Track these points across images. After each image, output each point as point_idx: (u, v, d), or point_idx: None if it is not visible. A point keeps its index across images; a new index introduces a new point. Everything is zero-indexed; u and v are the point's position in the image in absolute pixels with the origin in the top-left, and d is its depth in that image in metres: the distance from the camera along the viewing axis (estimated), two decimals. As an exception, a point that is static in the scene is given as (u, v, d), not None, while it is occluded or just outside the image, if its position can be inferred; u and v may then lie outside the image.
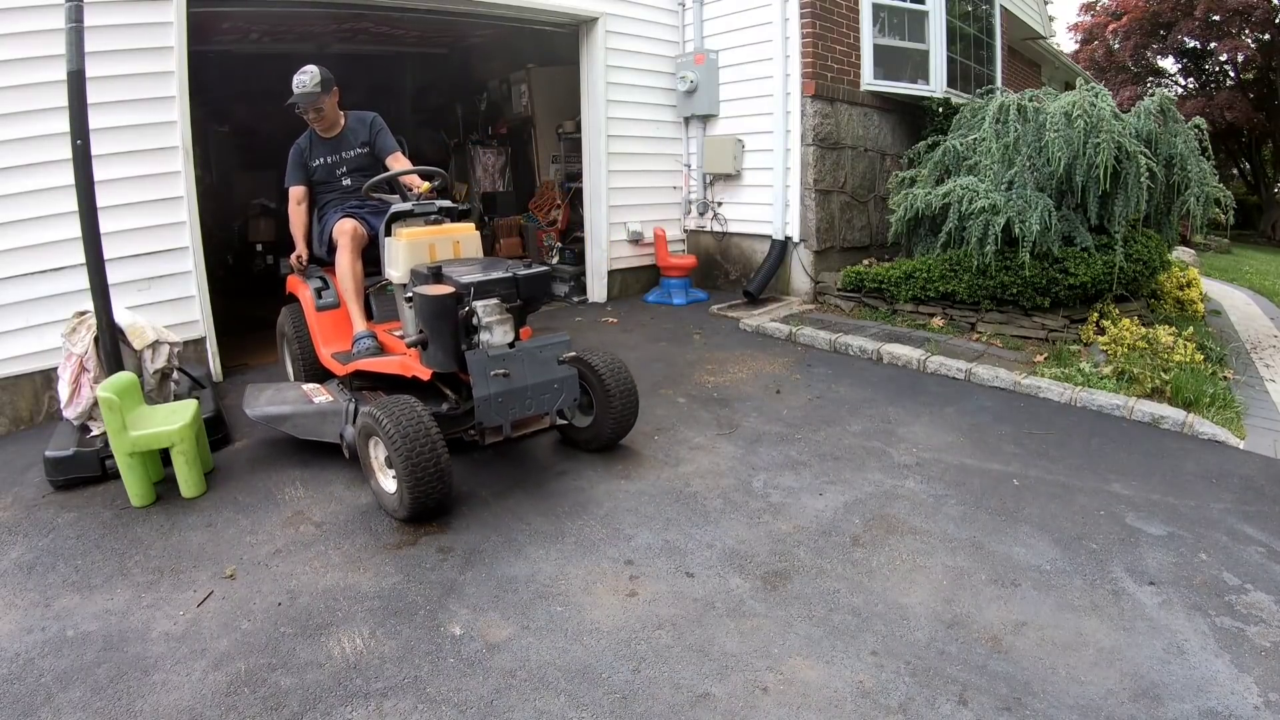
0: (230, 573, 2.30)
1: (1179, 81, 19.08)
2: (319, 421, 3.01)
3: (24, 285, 3.53)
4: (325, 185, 3.67)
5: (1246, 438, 3.31)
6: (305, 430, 2.99)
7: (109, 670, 1.86)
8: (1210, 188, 4.71)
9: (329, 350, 3.47)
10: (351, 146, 3.66)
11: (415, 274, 2.86)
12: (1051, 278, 4.37)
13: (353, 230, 3.39)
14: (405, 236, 2.97)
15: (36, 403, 3.65)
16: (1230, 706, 1.72)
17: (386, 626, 2.02)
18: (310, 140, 3.62)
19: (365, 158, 3.66)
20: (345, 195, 3.66)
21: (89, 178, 2.85)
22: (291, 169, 3.62)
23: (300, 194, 3.65)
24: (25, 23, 3.41)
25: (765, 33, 5.62)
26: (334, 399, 3.15)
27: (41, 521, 2.63)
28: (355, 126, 3.66)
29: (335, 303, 3.53)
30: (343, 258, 3.36)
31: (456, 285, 2.64)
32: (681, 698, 1.74)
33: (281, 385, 3.40)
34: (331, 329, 3.52)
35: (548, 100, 7.31)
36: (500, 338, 2.62)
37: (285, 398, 3.19)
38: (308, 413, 3.05)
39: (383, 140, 3.68)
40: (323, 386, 3.30)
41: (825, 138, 5.60)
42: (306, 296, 3.59)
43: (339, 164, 3.65)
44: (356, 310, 3.41)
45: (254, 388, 3.27)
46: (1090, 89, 4.65)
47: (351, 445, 2.78)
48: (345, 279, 3.39)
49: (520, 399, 2.61)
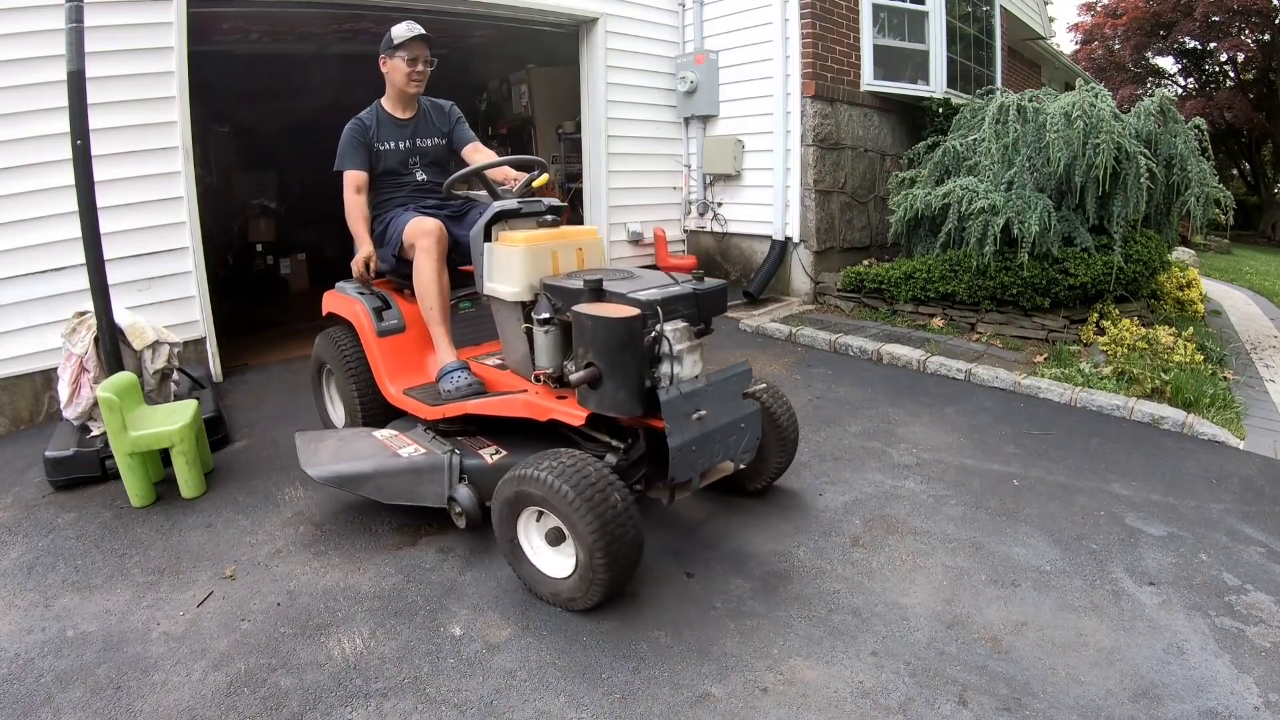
0: (230, 573, 2.30)
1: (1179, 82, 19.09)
2: (412, 481, 2.37)
3: (24, 285, 3.53)
4: (391, 177, 3.02)
5: (1246, 438, 3.31)
6: (394, 493, 2.38)
7: (109, 670, 1.86)
8: (1210, 188, 4.71)
9: (399, 386, 2.80)
10: (429, 135, 3.08)
11: (558, 290, 2.29)
12: (1051, 278, 4.37)
13: (438, 231, 2.74)
14: (522, 242, 2.39)
15: (36, 403, 3.65)
16: (1230, 707, 1.72)
17: (386, 627, 2.02)
18: (377, 118, 2.97)
19: (442, 150, 3.12)
20: (418, 192, 3.05)
21: (89, 178, 2.85)
22: (349, 149, 2.92)
23: (360, 181, 2.93)
24: (25, 23, 3.41)
25: (765, 33, 5.63)
26: (425, 449, 2.48)
27: (41, 521, 2.63)
28: (432, 112, 3.11)
29: (400, 325, 2.87)
30: (425, 267, 2.71)
31: (638, 304, 2.08)
32: (681, 698, 1.75)
33: (345, 433, 2.75)
34: (398, 359, 2.86)
35: (548, 100, 7.31)
36: (690, 369, 2.14)
37: (357, 450, 2.50)
38: (395, 470, 2.38)
39: (462, 131, 3.14)
40: (402, 433, 2.63)
41: (825, 138, 5.60)
42: (363, 318, 2.88)
43: (412, 153, 3.03)
44: (444, 335, 2.76)
45: (307, 438, 2.62)
46: (1090, 89, 4.65)
47: (472, 513, 2.27)
48: (429, 294, 2.73)
49: (711, 445, 2.14)
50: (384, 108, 3.01)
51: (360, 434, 2.67)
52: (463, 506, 2.28)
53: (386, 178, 3.01)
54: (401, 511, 2.66)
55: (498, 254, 2.48)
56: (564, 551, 2.04)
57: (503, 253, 2.46)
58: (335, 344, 3.01)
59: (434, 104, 3.13)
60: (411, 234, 2.78)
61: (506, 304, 2.49)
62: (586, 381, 2.05)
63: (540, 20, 5.64)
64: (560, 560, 2.06)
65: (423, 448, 2.50)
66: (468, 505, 2.27)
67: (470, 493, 2.30)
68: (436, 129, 3.09)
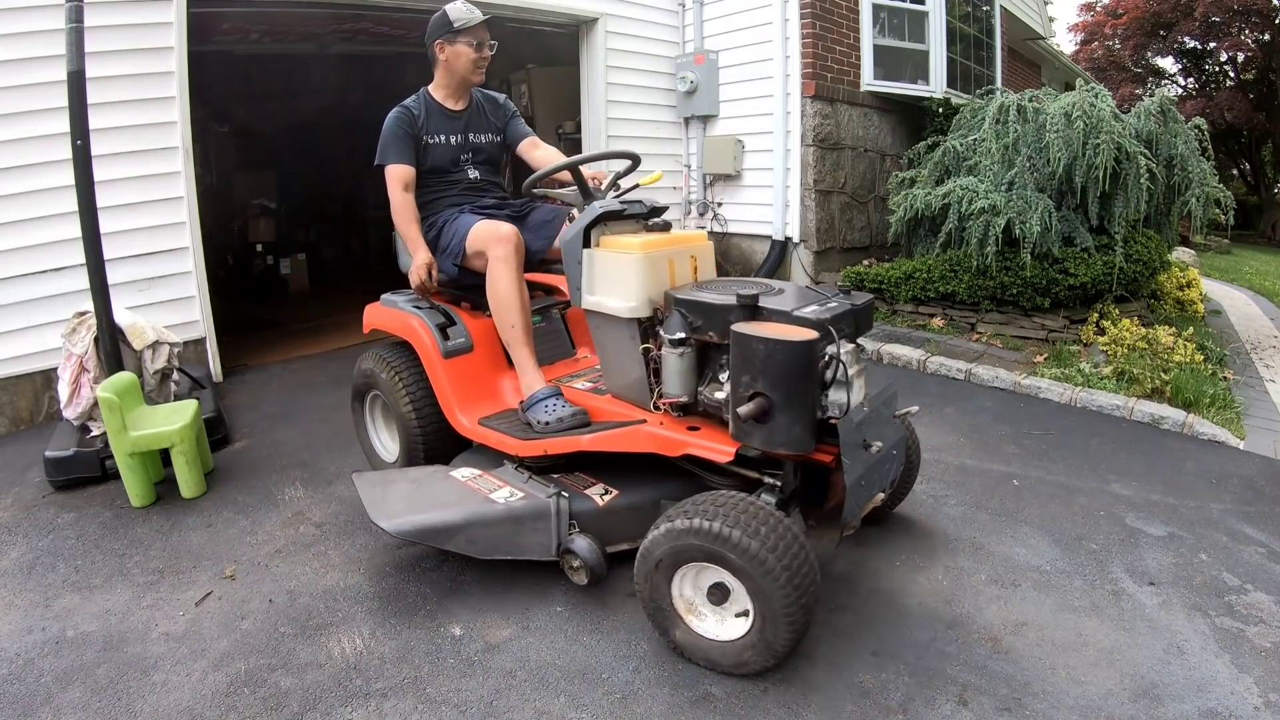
0: (230, 573, 2.29)
1: (1179, 82, 19.10)
2: (513, 531, 2.07)
3: (24, 285, 3.54)
4: (441, 175, 2.70)
5: (1246, 438, 3.31)
6: (490, 546, 2.07)
7: (109, 670, 1.86)
8: (1210, 188, 4.71)
9: (471, 415, 2.44)
10: (483, 129, 2.78)
11: (697, 306, 1.97)
12: (1051, 278, 4.37)
13: (515, 238, 2.43)
14: (639, 248, 2.06)
15: (36, 403, 3.65)
16: (1230, 707, 1.72)
17: (386, 627, 2.02)
18: (426, 109, 2.65)
19: (497, 147, 2.84)
20: (471, 192, 2.75)
21: (89, 178, 2.85)
22: (394, 141, 2.57)
23: (408, 178, 2.58)
24: (25, 23, 3.41)
25: (765, 33, 5.63)
26: (523, 492, 2.16)
27: (41, 521, 2.63)
28: (486, 105, 2.82)
29: (468, 344, 2.53)
30: (504, 278, 2.39)
31: (807, 324, 1.81)
32: (681, 698, 1.74)
33: (414, 474, 2.37)
34: (468, 383, 2.50)
35: (548, 100, 7.30)
36: (859, 395, 1.87)
37: (438, 496, 2.17)
38: (491, 519, 2.07)
39: (518, 126, 2.87)
40: (486, 472, 2.32)
41: (825, 138, 5.60)
42: (426, 337, 2.49)
43: (464, 148, 2.73)
44: (530, 357, 2.43)
45: (369, 482, 2.29)
46: (1090, 89, 4.65)
47: (597, 568, 1.98)
48: (509, 310, 2.41)
49: (873, 476, 1.91)
50: (434, 97, 2.68)
51: (434, 475, 2.32)
52: (584, 560, 1.96)
53: (434, 175, 2.68)
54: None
55: (605, 262, 2.13)
56: (730, 610, 1.77)
57: (613, 261, 2.11)
58: (387, 367, 2.60)
59: (487, 96, 2.84)
60: (483, 240, 2.45)
61: (616, 320, 2.13)
62: (756, 415, 1.74)
63: (540, 20, 5.64)
64: (727, 621, 1.78)
65: (519, 490, 2.16)
66: (590, 558, 1.95)
67: (591, 544, 1.98)
68: (491, 123, 2.81)
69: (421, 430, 2.55)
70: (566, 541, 2.02)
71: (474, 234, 2.51)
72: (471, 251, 2.52)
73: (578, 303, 2.24)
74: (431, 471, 2.38)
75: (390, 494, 2.20)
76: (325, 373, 4.42)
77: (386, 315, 2.70)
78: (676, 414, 2.08)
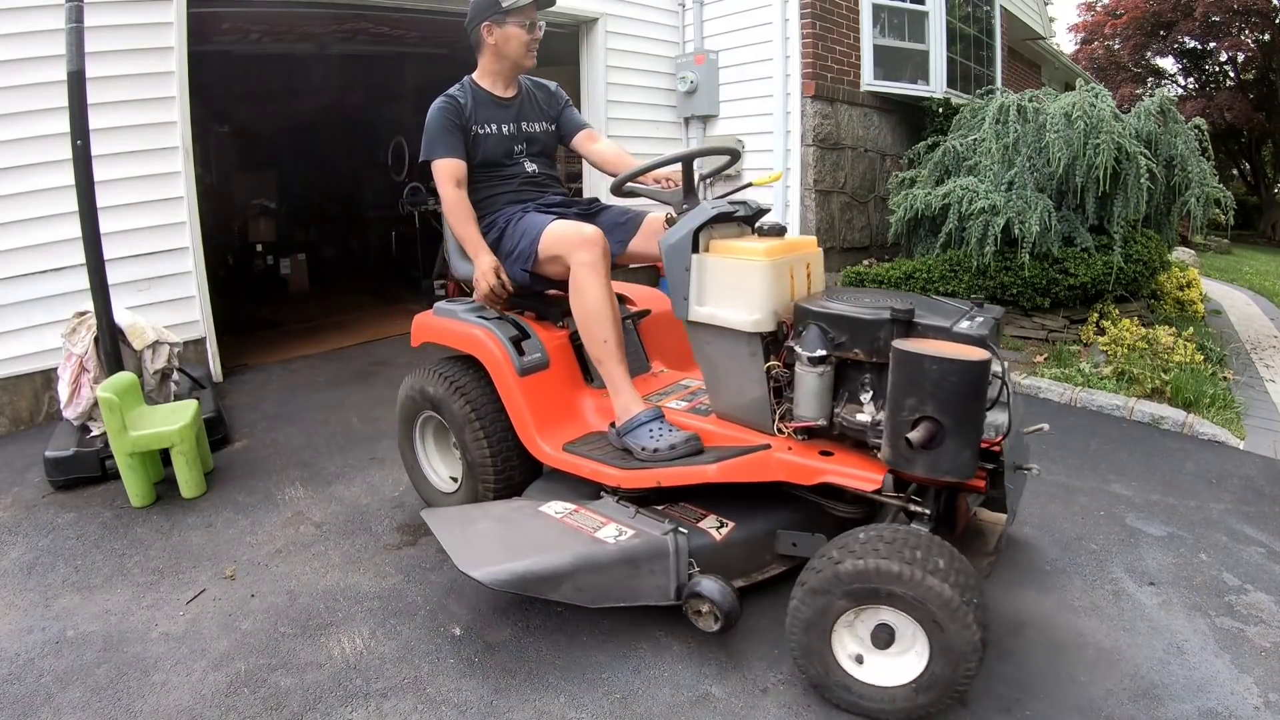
0: (230, 573, 2.29)
1: (1179, 82, 19.10)
2: (628, 574, 1.83)
3: (24, 285, 3.54)
4: (495, 169, 2.45)
5: (1246, 438, 3.31)
6: (601, 594, 1.82)
7: (109, 670, 1.86)
8: (1210, 188, 4.71)
9: (553, 441, 2.19)
10: (536, 118, 2.55)
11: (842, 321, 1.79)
12: (1051, 278, 4.37)
13: (603, 241, 2.19)
14: (763, 255, 1.87)
15: (36, 403, 3.65)
16: (1230, 707, 1.72)
17: (386, 627, 2.02)
18: (473, 97, 2.42)
19: (551, 138, 2.61)
20: (533, 187, 2.51)
21: (89, 178, 2.85)
22: (441, 133, 2.34)
23: (461, 173, 2.35)
24: (25, 23, 3.41)
25: (765, 33, 5.63)
26: (632, 529, 1.91)
27: (41, 521, 2.63)
28: (537, 93, 2.59)
29: (545, 360, 2.27)
30: (593, 286, 2.14)
31: (969, 341, 1.67)
32: (681, 698, 1.74)
33: (497, 510, 2.11)
34: (547, 404, 2.24)
35: (548, 100, 7.30)
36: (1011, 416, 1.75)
37: (535, 537, 1.91)
38: (603, 562, 1.82)
39: (573, 116, 2.64)
40: (582, 506, 2.06)
41: (825, 138, 5.60)
42: (499, 352, 2.20)
43: (518, 139, 2.49)
44: (625, 375, 2.18)
45: (445, 521, 2.03)
46: (1090, 89, 4.65)
47: (732, 612, 1.76)
48: (601, 323, 2.15)
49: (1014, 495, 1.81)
50: (480, 85, 2.46)
51: (521, 511, 2.06)
52: (715, 603, 1.75)
53: (487, 170, 2.44)
54: (401, 511, 2.67)
55: (722, 269, 1.92)
56: (894, 654, 1.62)
57: (732, 268, 1.90)
58: (449, 386, 2.31)
59: (536, 83, 2.61)
60: (563, 243, 2.20)
61: (734, 335, 1.93)
62: (926, 441, 1.59)
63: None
64: (891, 664, 1.62)
65: (628, 527, 1.90)
66: (723, 601, 1.74)
67: (721, 584, 1.76)
68: (544, 112, 2.58)
69: (492, 457, 2.26)
70: (692, 584, 1.80)
71: (551, 236, 2.24)
72: (547, 256, 2.26)
73: (682, 314, 2.00)
74: (517, 507, 2.10)
75: (475, 536, 1.93)
76: (325, 373, 4.42)
77: (445, 327, 2.39)
78: (801, 437, 1.91)
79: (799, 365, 1.84)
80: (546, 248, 2.26)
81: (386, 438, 3.34)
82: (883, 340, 1.73)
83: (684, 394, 2.38)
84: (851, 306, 1.83)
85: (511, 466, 2.30)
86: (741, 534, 1.98)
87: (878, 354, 1.75)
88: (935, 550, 1.53)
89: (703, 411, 2.19)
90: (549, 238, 2.25)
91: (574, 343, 2.36)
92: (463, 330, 2.33)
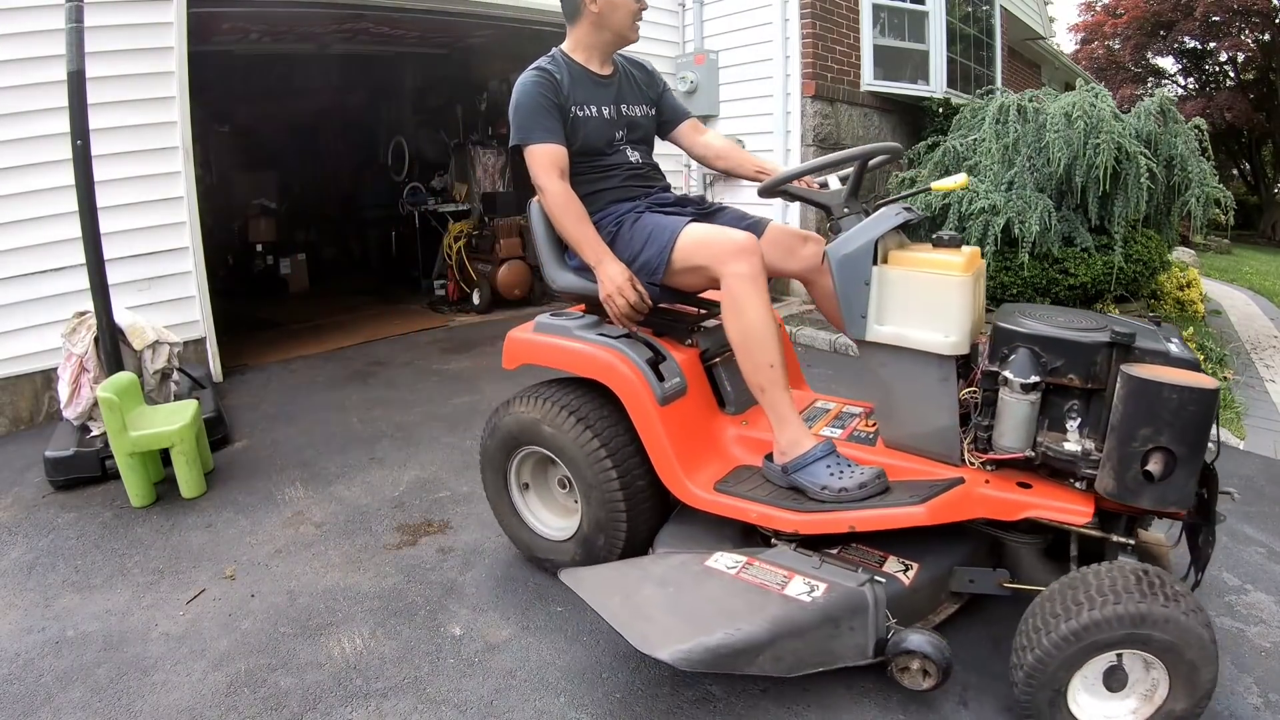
0: (230, 573, 2.29)
1: (1179, 82, 19.11)
2: (828, 636, 1.63)
3: (24, 285, 3.54)
4: (595, 158, 2.11)
5: (1246, 438, 3.31)
6: (800, 661, 1.61)
7: (109, 670, 1.86)
8: (1210, 188, 4.71)
9: (701, 480, 1.92)
10: (636, 101, 2.22)
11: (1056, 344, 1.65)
12: (1051, 278, 4.37)
13: (759, 250, 1.91)
14: (961, 270, 1.71)
15: (36, 403, 3.65)
16: (1230, 707, 1.72)
17: (386, 627, 2.02)
18: (569, 74, 2.07)
19: (652, 124, 2.28)
20: (640, 181, 2.18)
21: (89, 178, 2.85)
22: (537, 114, 1.99)
23: (562, 160, 2.00)
24: (25, 23, 3.41)
25: (765, 33, 5.63)
26: (824, 581, 1.69)
27: (41, 521, 2.63)
28: (635, 72, 2.27)
29: (683, 385, 1.99)
30: (755, 302, 1.87)
31: (1186, 364, 1.57)
32: (681, 698, 1.74)
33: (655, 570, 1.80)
34: (688, 435, 1.96)
35: (548, 100, 7.29)
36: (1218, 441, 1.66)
37: (715, 601, 1.65)
38: (802, 624, 1.60)
39: (674, 102, 2.34)
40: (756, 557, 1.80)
41: (825, 138, 5.60)
42: (636, 378, 1.91)
43: (618, 123, 2.14)
44: (792, 403, 1.92)
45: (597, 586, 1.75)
46: (1090, 89, 4.65)
47: (948, 665, 1.58)
48: (766, 344, 1.88)
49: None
50: (574, 59, 2.13)
51: (684, 568, 1.79)
52: (930, 657, 1.58)
53: (587, 159, 2.09)
54: (401, 511, 2.67)
55: (912, 284, 1.74)
56: (1130, 695, 1.53)
57: (925, 283, 1.73)
58: (570, 418, 1.96)
59: (633, 62, 2.29)
60: (710, 251, 1.91)
61: (923, 358, 1.76)
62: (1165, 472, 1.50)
63: (540, 20, 5.63)
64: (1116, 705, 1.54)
65: (815, 579, 1.69)
66: (939, 656, 1.58)
67: (932, 638, 1.59)
68: (644, 94, 2.26)
69: (625, 500, 1.94)
70: (896, 639, 1.61)
71: (691, 243, 1.94)
72: (684, 265, 1.95)
73: (858, 333, 1.81)
74: (679, 564, 1.81)
75: (645, 606, 1.66)
76: (325, 373, 4.42)
77: (557, 347, 2.05)
78: (990, 467, 1.76)
79: (1006, 391, 1.68)
80: (685, 256, 1.94)
81: (386, 437, 3.35)
82: (1099, 365, 1.62)
83: (827, 418, 2.14)
84: (1061, 328, 1.68)
85: (645, 510, 2.01)
86: (925, 575, 1.81)
87: (1094, 380, 1.63)
88: (1170, 586, 1.46)
89: (863, 439, 2.00)
90: (689, 245, 1.94)
91: (704, 362, 2.13)
92: (584, 352, 1.99)
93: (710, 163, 2.34)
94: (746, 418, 2.12)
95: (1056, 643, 1.47)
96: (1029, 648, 1.51)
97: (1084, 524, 1.63)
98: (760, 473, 1.96)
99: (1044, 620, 1.50)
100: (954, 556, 1.86)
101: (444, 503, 2.72)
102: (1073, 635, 1.45)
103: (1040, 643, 1.49)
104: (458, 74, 8.31)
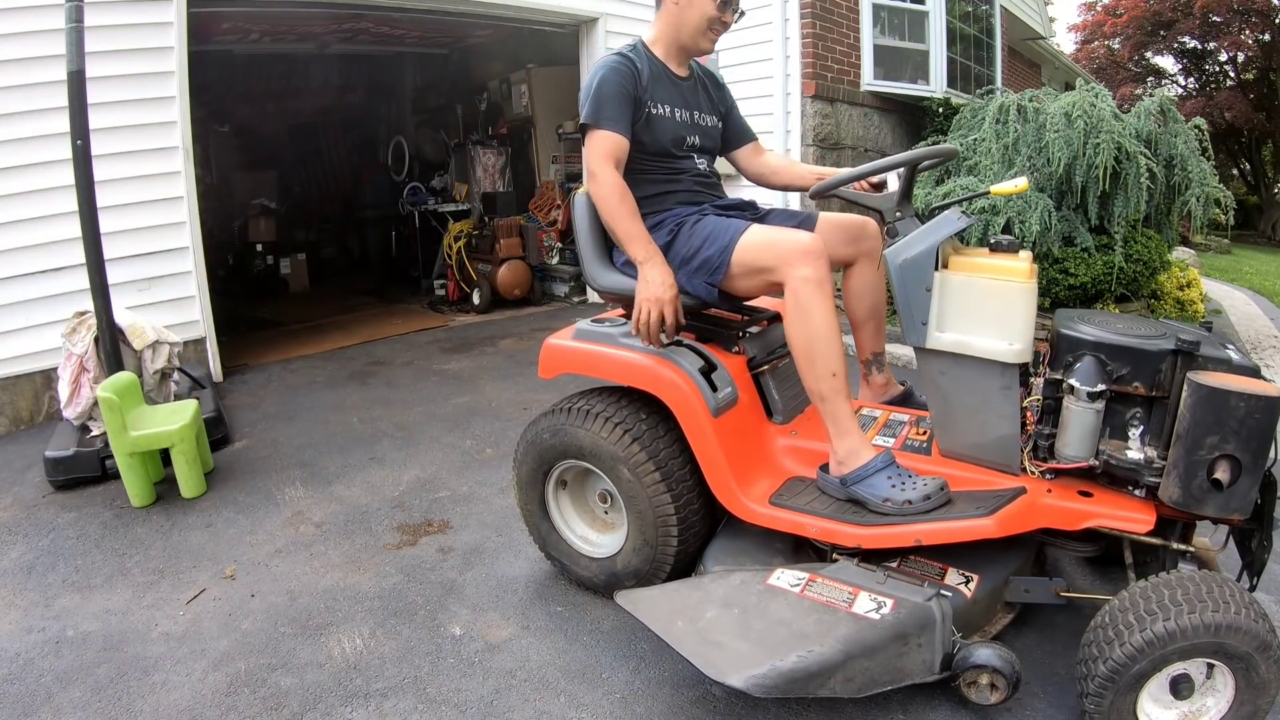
0: (230, 573, 2.30)
1: (1179, 81, 19.11)
2: (897, 654, 1.58)
3: (24, 285, 3.54)
4: (665, 160, 2.04)
5: (1246, 438, 3.30)
6: (870, 680, 1.57)
7: (109, 670, 1.86)
8: (1210, 188, 4.71)
9: (756, 493, 1.86)
10: (708, 110, 2.16)
11: (1121, 351, 1.63)
12: (1051, 278, 4.37)
13: (825, 254, 1.82)
14: (1024, 277, 1.68)
15: (36, 403, 3.65)
16: (1230, 707, 1.72)
17: (386, 627, 2.02)
18: (650, 68, 2.01)
19: (718, 135, 2.20)
20: (706, 189, 2.13)
21: (89, 178, 2.85)
22: (613, 100, 1.91)
23: (620, 152, 1.91)
24: (25, 23, 3.41)
25: (765, 33, 5.62)
26: (890, 598, 1.64)
27: (41, 521, 2.63)
28: (707, 81, 2.19)
29: (735, 395, 1.92)
30: (821, 309, 1.78)
31: (1248, 372, 1.59)
32: (682, 698, 1.74)
33: (716, 590, 1.73)
34: (741, 447, 1.90)
35: (548, 100, 7.30)
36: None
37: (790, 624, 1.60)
38: (872, 643, 1.56)
39: (741, 121, 2.27)
40: (819, 574, 1.73)
41: (825, 138, 5.60)
42: (689, 389, 1.84)
43: (690, 129, 2.07)
44: (851, 413, 1.84)
45: (656, 610, 1.69)
46: (1090, 89, 4.65)
47: (1018, 678, 1.57)
48: (830, 352, 1.80)
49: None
50: (655, 54, 2.05)
51: (745, 588, 1.73)
52: (1000, 671, 1.56)
53: (657, 159, 2.02)
54: (401, 511, 2.67)
55: (975, 291, 1.69)
56: (1196, 701, 1.54)
57: (989, 289, 1.68)
58: (619, 431, 1.87)
59: (707, 72, 2.20)
60: (775, 253, 1.82)
61: (985, 365, 1.71)
62: (1233, 480, 1.51)
63: (540, 20, 5.64)
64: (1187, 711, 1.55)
65: (880, 595, 1.65)
66: (1008, 669, 1.56)
67: (1000, 651, 1.57)
68: (714, 106, 2.17)
69: (677, 514, 1.87)
70: (963, 654, 1.59)
71: (755, 244, 1.85)
72: (746, 268, 1.87)
73: (918, 340, 1.75)
74: (740, 584, 1.75)
75: (711, 630, 1.60)
76: (325, 373, 4.42)
77: (601, 357, 1.97)
78: (1049, 476, 1.74)
79: (1071, 400, 1.66)
80: (748, 259, 1.85)
81: (386, 437, 3.35)
82: (1164, 372, 1.60)
83: (876, 426, 2.07)
84: (1125, 335, 1.65)
85: (696, 525, 1.94)
86: (985, 587, 1.78)
87: (1158, 387, 1.61)
88: (1237, 593, 1.46)
89: (917, 449, 1.95)
90: (751, 246, 1.85)
91: (751, 370, 2.06)
92: (633, 361, 1.91)
93: (767, 180, 2.29)
94: (795, 427, 2.06)
95: (1131, 653, 1.46)
96: (1099, 658, 1.49)
97: (1146, 532, 1.61)
98: (815, 484, 1.89)
99: (1116, 630, 1.49)
100: (1009, 567, 1.83)
101: (444, 502, 2.72)
102: (1148, 645, 1.44)
103: (1114, 653, 1.47)
104: (458, 74, 8.32)
